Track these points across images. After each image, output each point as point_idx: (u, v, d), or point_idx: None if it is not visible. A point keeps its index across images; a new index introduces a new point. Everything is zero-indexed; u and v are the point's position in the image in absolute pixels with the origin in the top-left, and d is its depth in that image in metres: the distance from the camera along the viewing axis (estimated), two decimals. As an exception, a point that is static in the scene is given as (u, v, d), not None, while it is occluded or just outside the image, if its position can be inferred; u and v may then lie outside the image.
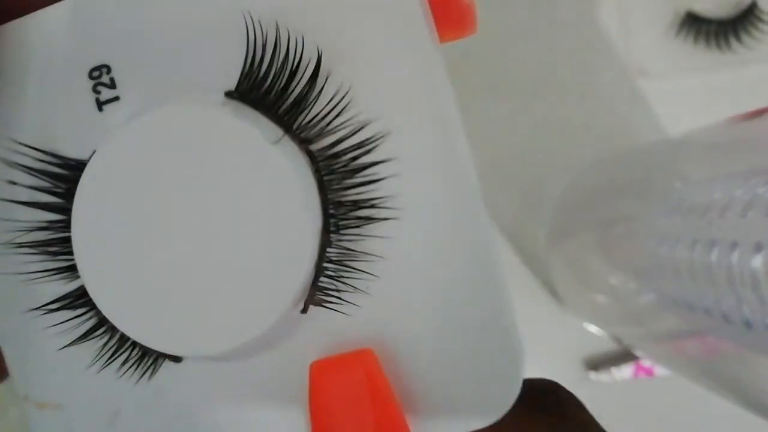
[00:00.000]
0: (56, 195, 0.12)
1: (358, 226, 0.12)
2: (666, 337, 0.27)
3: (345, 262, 0.12)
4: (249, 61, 0.12)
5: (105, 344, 0.12)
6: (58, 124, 0.12)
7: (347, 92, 0.12)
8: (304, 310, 0.12)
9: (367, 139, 0.12)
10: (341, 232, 0.12)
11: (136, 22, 0.12)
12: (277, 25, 0.11)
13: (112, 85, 0.12)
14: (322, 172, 0.12)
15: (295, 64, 0.11)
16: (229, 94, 0.12)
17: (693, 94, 0.39)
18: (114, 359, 0.12)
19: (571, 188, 0.38)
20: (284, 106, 0.12)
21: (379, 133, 0.11)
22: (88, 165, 0.11)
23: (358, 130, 0.12)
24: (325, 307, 0.12)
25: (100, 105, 0.12)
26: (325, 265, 0.12)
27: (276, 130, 0.11)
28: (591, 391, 0.39)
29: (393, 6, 0.11)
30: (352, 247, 0.12)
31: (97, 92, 0.12)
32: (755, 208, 0.19)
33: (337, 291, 0.12)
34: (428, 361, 0.12)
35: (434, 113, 0.12)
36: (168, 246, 0.11)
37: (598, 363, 0.39)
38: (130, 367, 0.12)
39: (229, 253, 0.11)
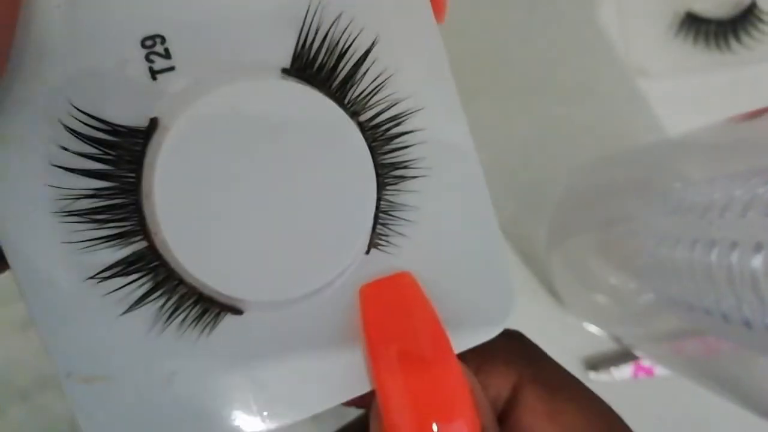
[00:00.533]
0: (105, 162, 0.12)
1: (396, 183, 0.14)
2: (666, 337, 0.27)
3: (390, 212, 0.14)
4: (302, 41, 0.13)
5: (162, 306, 0.13)
6: (110, 90, 0.12)
7: (385, 74, 0.14)
8: (368, 252, 0.14)
9: (400, 113, 0.14)
10: (386, 188, 0.14)
11: None
12: (326, 10, 0.13)
13: (167, 55, 0.12)
14: (369, 140, 0.13)
15: (346, 46, 0.13)
16: (285, 71, 0.13)
17: (693, 94, 0.39)
18: (172, 320, 0.13)
19: (571, 188, 0.38)
20: (335, 83, 0.13)
21: (409, 109, 0.14)
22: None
23: (394, 105, 0.14)
24: (379, 249, 0.14)
25: (153, 74, 0.12)
26: (379, 215, 0.14)
27: (332, 103, 0.13)
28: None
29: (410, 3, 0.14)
30: (393, 200, 0.14)
31: (151, 61, 0.12)
32: (755, 208, 0.19)
33: (386, 235, 0.14)
34: (447, 288, 0.14)
35: (446, 93, 0.14)
36: (244, 204, 0.12)
37: (598, 363, 0.39)
38: (189, 324, 0.13)
39: (301, 209, 0.13)
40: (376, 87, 0.14)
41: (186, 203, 0.12)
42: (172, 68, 0.12)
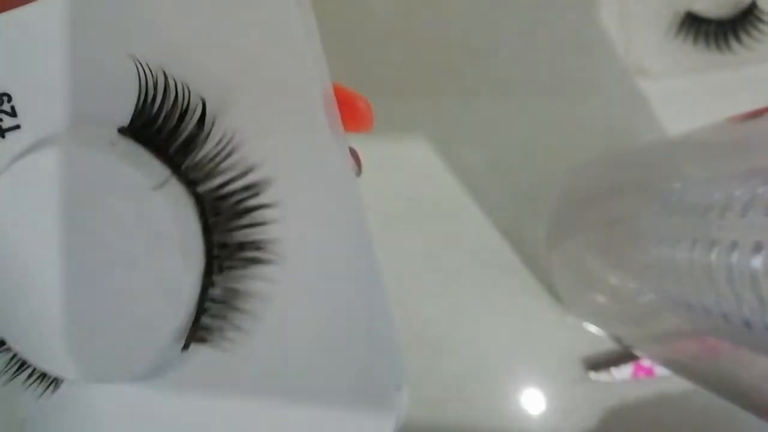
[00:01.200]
0: None
1: (242, 267, 0.12)
2: (666, 337, 0.27)
3: (228, 302, 0.12)
4: (141, 100, 0.12)
5: (9, 360, 0.13)
6: None
7: (233, 137, 0.12)
8: (185, 347, 0.12)
9: (253, 184, 0.12)
10: (225, 273, 0.12)
11: (36, 56, 0.12)
12: (164, 70, 0.12)
13: (13, 113, 0.12)
14: (208, 215, 0.12)
15: (185, 106, 0.12)
16: (122, 131, 0.12)
17: (693, 94, 0.39)
18: (19, 373, 0.13)
19: (570, 188, 0.38)
20: (174, 146, 0.12)
21: (265, 179, 0.12)
22: None
23: (245, 174, 0.12)
24: (208, 344, 0.12)
25: (2, 132, 0.12)
26: (207, 305, 0.12)
27: (164, 171, 0.12)
28: (591, 391, 0.39)
29: (286, 70, 0.12)
30: (235, 287, 0.12)
31: None
32: (755, 208, 0.19)
33: (220, 330, 0.12)
34: (308, 395, 0.12)
35: (321, 168, 0.12)
36: (53, 280, 0.12)
37: (598, 363, 0.39)
38: (34, 381, 0.13)
39: (112, 291, 0.11)
40: (223, 152, 0.12)
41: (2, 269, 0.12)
42: (18, 126, 0.12)
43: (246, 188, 0.12)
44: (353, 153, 0.15)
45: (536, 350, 0.39)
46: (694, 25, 0.38)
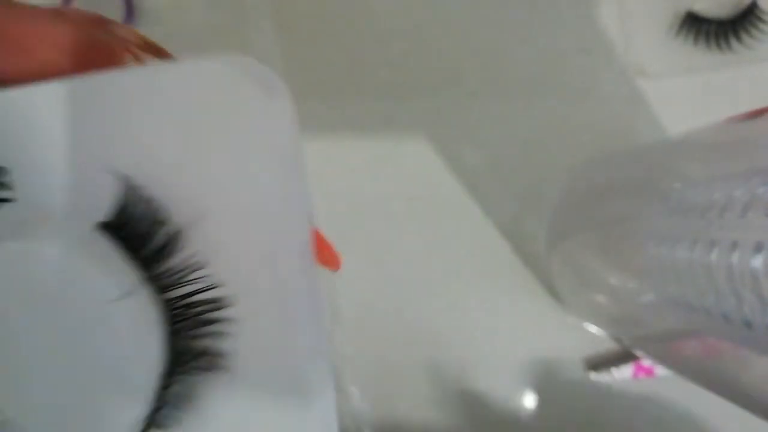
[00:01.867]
0: None
1: (197, 373, 0.12)
2: (666, 337, 0.27)
3: (182, 402, 0.12)
4: (122, 202, 0.12)
5: None
6: None
7: (208, 252, 0.12)
8: None
9: (219, 298, 0.12)
10: (181, 375, 0.12)
11: (29, 131, 0.12)
12: (147, 182, 0.12)
13: (9, 187, 0.12)
14: (174, 320, 0.12)
15: (161, 217, 0.12)
16: (99, 225, 0.12)
17: (693, 94, 0.39)
18: None
19: (571, 188, 0.38)
20: (148, 249, 0.12)
21: (231, 295, 0.12)
22: None
23: (213, 288, 0.12)
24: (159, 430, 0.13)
25: None
26: (162, 402, 0.12)
27: (132, 276, 0.12)
28: (591, 391, 0.39)
29: (271, 205, 0.12)
30: (189, 391, 0.12)
31: None
32: (755, 208, 0.19)
33: (172, 423, 0.12)
34: None
35: (280, 292, 0.12)
36: (13, 370, 0.12)
37: (598, 363, 0.39)
38: None
39: (69, 389, 0.12)
40: (197, 263, 0.12)
41: None
42: (13, 200, 0.13)
43: (212, 301, 0.12)
44: (331, 251, 0.16)
45: (536, 350, 0.39)
46: (694, 24, 0.39)
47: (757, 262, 0.18)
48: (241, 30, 0.31)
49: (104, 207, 0.12)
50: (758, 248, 0.18)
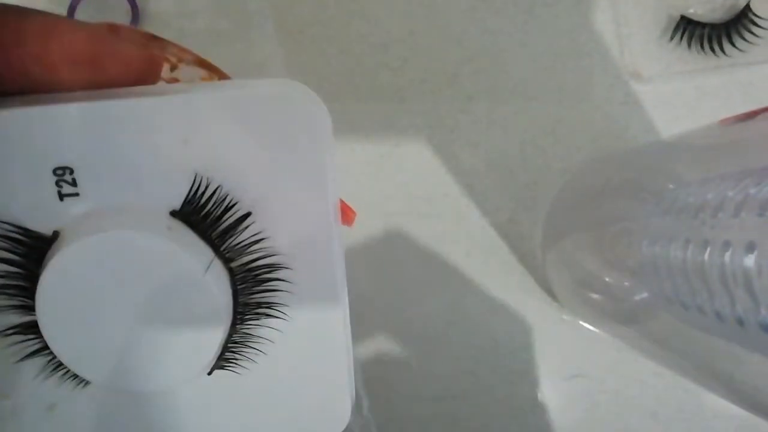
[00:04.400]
0: (16, 254, 0.16)
1: (258, 319, 0.17)
2: (660, 334, 0.27)
3: (243, 343, 0.17)
4: (194, 190, 0.15)
5: (49, 361, 0.17)
6: (24, 205, 0.15)
7: (264, 230, 0.16)
8: (210, 373, 0.17)
9: (272, 264, 0.16)
10: (244, 323, 0.17)
11: (99, 138, 0.15)
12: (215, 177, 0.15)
13: (74, 183, 0.15)
14: (237, 282, 0.16)
15: (233, 202, 0.16)
16: (173, 213, 0.15)
17: (686, 97, 0.40)
18: (57, 372, 0.17)
19: (566, 189, 0.38)
20: (216, 232, 0.16)
21: (282, 262, 0.16)
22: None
23: (267, 257, 0.16)
24: (226, 369, 0.17)
25: (61, 196, 0.15)
26: (230, 344, 0.17)
27: (208, 252, 0.16)
28: (584, 387, 0.39)
29: (304, 186, 0.16)
30: (251, 333, 0.17)
31: (60, 186, 0.15)
32: (747, 208, 0.19)
33: (236, 360, 0.17)
34: (287, 406, 0.18)
35: (322, 258, 0.16)
36: (103, 310, 0.15)
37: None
38: (68, 378, 0.17)
39: (154, 329, 0.15)
40: (253, 241, 0.16)
41: (59, 301, 0.15)
42: (77, 194, 0.15)
43: (267, 266, 0.16)
44: (350, 210, 0.22)
45: (532, 348, 0.39)
46: (688, 28, 0.39)
47: (750, 261, 0.18)
48: (244, 35, 0.32)
49: (179, 198, 0.15)
50: (750, 248, 0.18)
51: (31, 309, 0.16)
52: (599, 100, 0.39)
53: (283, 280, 0.16)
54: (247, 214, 0.16)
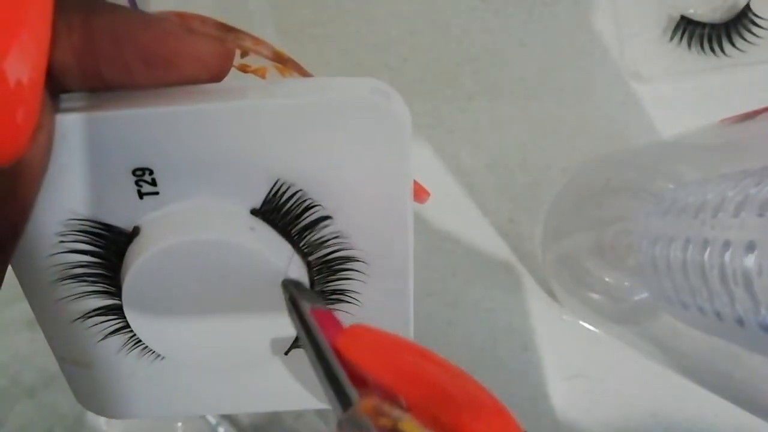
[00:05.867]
0: (98, 246, 0.17)
1: (333, 304, 0.18)
2: (660, 334, 0.27)
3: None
4: (275, 190, 0.16)
5: (130, 338, 0.18)
6: (106, 203, 0.16)
7: (341, 229, 0.17)
8: (287, 353, 0.19)
9: (346, 257, 0.17)
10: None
11: (179, 140, 0.15)
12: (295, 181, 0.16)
13: (153, 183, 0.16)
14: (314, 273, 0.17)
15: (309, 205, 0.16)
16: (254, 212, 0.16)
17: (686, 97, 0.40)
18: (135, 347, 0.19)
19: (566, 189, 0.38)
20: (296, 229, 0.16)
21: (354, 256, 0.17)
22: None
23: (342, 250, 0.17)
24: (299, 347, 0.18)
25: (141, 195, 0.16)
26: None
27: (288, 248, 0.17)
28: (584, 387, 0.40)
29: (384, 187, 0.16)
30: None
31: (139, 186, 0.16)
32: (747, 208, 0.19)
33: None
34: None
35: (393, 254, 0.17)
36: (184, 299, 0.17)
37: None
38: (146, 354, 0.19)
39: (232, 315, 0.17)
40: (331, 237, 0.17)
41: (143, 291, 0.16)
42: (156, 193, 0.16)
43: (341, 258, 0.17)
44: (423, 190, 0.24)
45: (532, 348, 0.40)
46: (688, 28, 0.39)
47: (750, 261, 0.18)
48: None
49: (260, 197, 0.16)
50: (750, 248, 0.18)
51: (111, 294, 0.17)
52: (599, 100, 0.39)
53: (356, 271, 0.17)
54: (327, 217, 0.16)
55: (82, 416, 0.36)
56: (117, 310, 0.17)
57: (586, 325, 0.39)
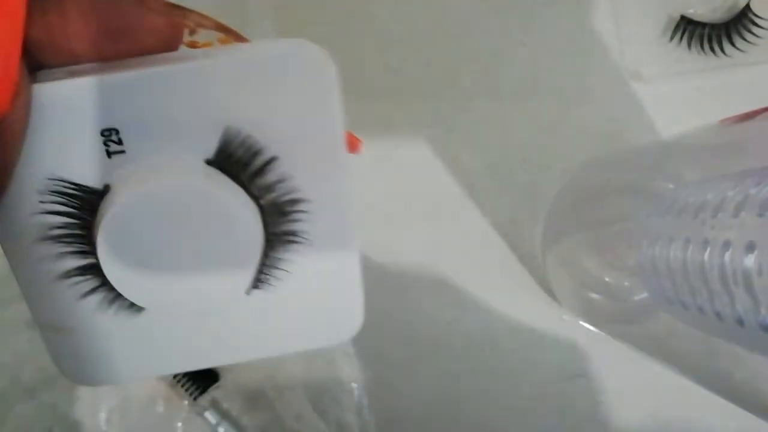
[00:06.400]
0: (71, 207, 0.18)
1: (284, 245, 0.19)
2: (660, 334, 0.27)
3: (273, 266, 0.19)
4: (223, 142, 0.18)
5: (106, 295, 0.19)
6: (77, 164, 0.17)
7: (286, 172, 0.18)
8: (248, 293, 0.20)
9: (294, 199, 0.19)
10: (273, 248, 0.19)
11: (140, 102, 0.17)
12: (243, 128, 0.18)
13: (120, 142, 0.17)
14: (266, 216, 0.19)
15: (255, 149, 0.18)
16: (208, 162, 0.18)
17: (686, 97, 0.40)
18: (114, 302, 0.19)
19: (566, 189, 0.38)
20: (246, 175, 0.18)
21: (302, 197, 0.19)
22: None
23: (290, 193, 0.19)
24: (259, 288, 0.20)
25: (109, 154, 0.17)
26: (263, 267, 0.19)
27: (240, 192, 0.18)
28: (584, 387, 0.40)
29: (318, 131, 0.18)
30: (279, 257, 0.19)
31: (107, 145, 0.17)
32: (747, 208, 0.19)
33: (267, 280, 0.20)
34: (308, 308, 0.21)
35: (336, 191, 0.19)
36: (155, 248, 0.18)
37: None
38: (124, 308, 0.19)
39: (197, 258, 0.18)
40: (278, 180, 0.18)
41: (116, 243, 0.17)
42: (123, 152, 0.17)
43: (290, 201, 0.19)
44: (356, 139, 0.24)
45: (533, 348, 0.40)
46: (688, 28, 0.39)
47: (750, 261, 0.18)
48: (244, 32, 0.32)
49: (212, 147, 0.18)
50: (750, 248, 0.18)
51: (87, 254, 0.18)
52: (599, 101, 0.39)
53: (303, 212, 0.19)
54: (273, 158, 0.18)
55: (82, 416, 0.36)
56: (93, 269, 0.19)
57: (586, 325, 0.39)
